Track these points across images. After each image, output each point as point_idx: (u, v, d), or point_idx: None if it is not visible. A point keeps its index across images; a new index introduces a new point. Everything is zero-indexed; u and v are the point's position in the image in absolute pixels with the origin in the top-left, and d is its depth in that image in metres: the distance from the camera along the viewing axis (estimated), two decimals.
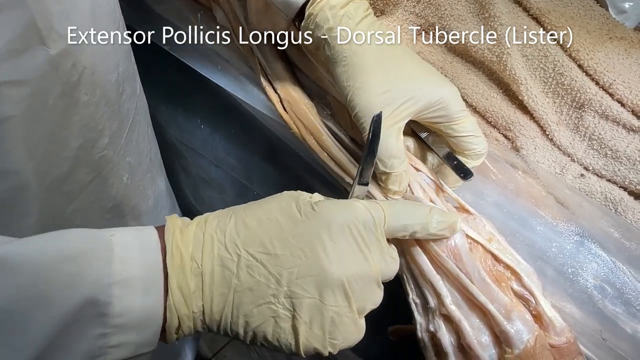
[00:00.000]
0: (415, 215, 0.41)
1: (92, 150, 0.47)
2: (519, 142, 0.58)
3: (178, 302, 0.35)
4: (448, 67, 0.63)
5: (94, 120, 0.46)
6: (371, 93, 0.46)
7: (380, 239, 0.39)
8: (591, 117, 0.55)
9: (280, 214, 0.38)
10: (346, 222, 0.38)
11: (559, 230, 0.51)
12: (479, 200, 0.53)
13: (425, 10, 0.64)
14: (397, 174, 0.47)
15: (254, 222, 0.37)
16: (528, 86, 0.57)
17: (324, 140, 0.54)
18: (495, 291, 0.43)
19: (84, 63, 0.42)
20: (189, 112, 0.79)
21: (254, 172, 0.75)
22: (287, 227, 0.37)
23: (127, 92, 0.52)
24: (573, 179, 0.56)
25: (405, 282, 0.48)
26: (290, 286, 0.36)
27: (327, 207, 0.38)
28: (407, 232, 0.41)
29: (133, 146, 0.55)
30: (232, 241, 0.36)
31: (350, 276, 0.37)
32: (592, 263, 0.50)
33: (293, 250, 0.36)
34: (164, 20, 0.70)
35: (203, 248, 0.36)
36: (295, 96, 0.58)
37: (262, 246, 0.36)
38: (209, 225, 0.38)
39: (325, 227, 0.37)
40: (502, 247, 0.47)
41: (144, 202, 0.61)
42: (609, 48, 0.56)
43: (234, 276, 0.36)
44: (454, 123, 0.48)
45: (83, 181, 0.48)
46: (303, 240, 0.37)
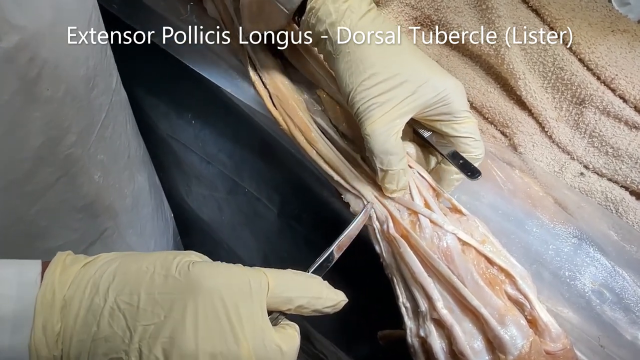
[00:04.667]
0: (304, 287, 0.37)
1: (56, 148, 0.45)
2: (517, 139, 0.57)
3: (39, 342, 0.32)
4: (444, 61, 0.62)
5: (59, 117, 0.44)
6: (373, 91, 0.45)
7: (257, 313, 0.34)
8: (592, 114, 0.54)
9: (160, 266, 0.35)
10: (216, 287, 0.33)
11: (557, 232, 0.50)
12: (474, 201, 0.52)
13: (421, 2, 0.63)
14: (394, 172, 0.45)
15: (133, 269, 0.35)
16: (526, 81, 0.56)
17: (313, 137, 0.53)
18: (489, 294, 0.43)
19: (44, 56, 0.40)
20: (180, 107, 0.78)
21: (245, 168, 0.74)
22: (158, 280, 0.34)
23: (100, 87, 0.50)
24: (572, 178, 0.54)
25: (394, 284, 0.47)
26: (141, 344, 0.33)
27: (200, 268, 0.35)
28: (292, 305, 0.36)
29: (107, 143, 0.53)
30: (106, 285, 0.34)
31: (208, 353, 0.32)
32: (590, 266, 0.48)
33: (155, 306, 0.33)
34: (153, 12, 0.69)
35: (77, 288, 0.34)
36: (284, 91, 0.57)
37: (129, 296, 0.34)
38: (93, 265, 0.35)
39: (192, 289, 0.33)
40: (495, 249, 0.46)
41: (120, 201, 0.59)
42: (611, 41, 0.54)
43: (95, 323, 0.33)
44: (455, 122, 0.46)
45: (47, 181, 0.46)
46: (167, 298, 0.33)
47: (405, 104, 0.45)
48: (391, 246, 0.47)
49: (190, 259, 0.35)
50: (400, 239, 0.45)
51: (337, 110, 0.55)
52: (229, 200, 0.75)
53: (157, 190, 0.75)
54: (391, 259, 0.47)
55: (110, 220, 0.58)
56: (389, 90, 0.45)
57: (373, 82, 0.45)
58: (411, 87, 0.45)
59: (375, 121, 0.45)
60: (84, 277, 0.34)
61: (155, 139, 0.79)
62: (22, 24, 0.37)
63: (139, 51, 0.69)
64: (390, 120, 0.45)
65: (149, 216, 0.69)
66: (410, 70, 0.45)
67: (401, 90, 0.45)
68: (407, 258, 0.44)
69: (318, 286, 0.38)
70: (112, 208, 0.57)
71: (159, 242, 0.74)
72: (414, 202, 0.46)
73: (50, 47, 0.40)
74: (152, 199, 0.70)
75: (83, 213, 0.52)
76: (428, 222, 0.45)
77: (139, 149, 0.67)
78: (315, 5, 0.46)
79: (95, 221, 0.55)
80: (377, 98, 0.45)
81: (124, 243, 0.62)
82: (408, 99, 0.45)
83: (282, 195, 0.73)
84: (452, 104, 0.46)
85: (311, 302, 0.37)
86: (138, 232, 0.66)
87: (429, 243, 0.45)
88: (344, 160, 0.51)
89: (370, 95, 0.45)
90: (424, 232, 0.45)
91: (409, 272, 0.45)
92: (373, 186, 0.49)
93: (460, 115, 0.46)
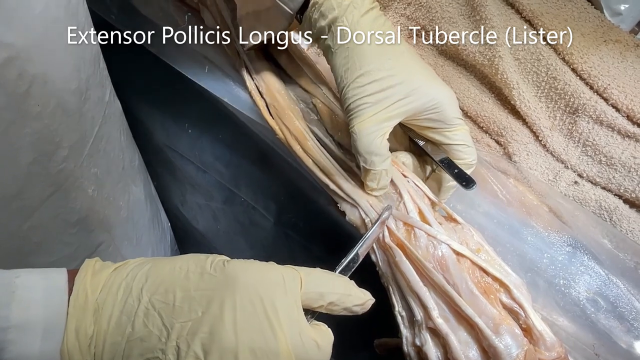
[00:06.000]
0: (334, 284, 0.38)
1: (48, 164, 0.45)
2: (511, 148, 0.57)
3: (72, 347, 0.32)
4: (439, 71, 0.62)
5: (50, 132, 0.43)
6: (366, 89, 0.45)
7: (292, 307, 0.34)
8: (585, 123, 0.54)
9: (194, 265, 0.35)
10: (253, 282, 0.34)
11: (551, 240, 0.50)
12: (469, 209, 0.52)
13: (416, 12, 0.63)
14: (377, 172, 0.46)
15: (166, 269, 0.35)
16: (520, 90, 0.56)
17: (309, 146, 0.53)
18: (484, 304, 0.42)
19: (32, 72, 0.39)
20: (175, 116, 0.78)
21: (242, 178, 0.74)
22: (194, 278, 0.34)
23: (92, 100, 0.49)
24: (567, 186, 0.54)
25: (390, 293, 0.47)
26: (179, 341, 0.32)
27: (236, 264, 0.35)
28: (324, 301, 0.37)
29: (100, 156, 0.53)
30: (139, 286, 0.34)
31: (247, 347, 0.32)
32: (584, 275, 0.48)
33: (191, 303, 0.33)
34: (150, 22, 0.69)
35: (109, 291, 0.34)
36: (281, 101, 0.57)
37: (164, 295, 0.34)
38: (124, 269, 0.35)
39: (229, 284, 0.33)
40: (490, 258, 0.45)
41: (115, 213, 0.58)
42: (603, 51, 0.55)
43: (129, 324, 0.33)
44: (447, 130, 0.47)
45: (40, 197, 0.45)
46: (204, 295, 0.34)
47: (396, 107, 0.45)
48: (387, 255, 0.46)
49: (223, 257, 0.36)
50: (396, 248, 0.45)
51: (333, 119, 0.55)
52: (225, 210, 0.74)
53: (153, 200, 0.74)
54: (387, 268, 0.47)
55: (105, 233, 0.57)
56: (381, 90, 0.45)
57: (367, 80, 0.45)
58: (404, 90, 0.45)
59: (363, 120, 0.45)
60: (115, 280, 0.34)
61: (151, 147, 0.78)
62: (9, 41, 0.36)
63: (135, 59, 0.69)
64: (378, 121, 0.45)
65: (145, 227, 0.69)
66: (406, 73, 0.45)
67: (394, 91, 0.45)
68: (402, 267, 0.44)
69: (347, 284, 0.39)
70: (106, 221, 0.57)
71: (156, 252, 0.73)
72: (409, 215, 0.46)
73: (40, 62, 0.40)
74: (148, 209, 0.69)
75: (77, 227, 0.52)
76: (423, 232, 0.45)
77: (134, 159, 0.66)
78: (318, 1, 0.46)
79: (90, 235, 0.54)
80: (369, 97, 0.45)
81: (119, 255, 0.61)
82: (399, 102, 0.45)
83: (278, 205, 0.72)
84: (444, 112, 0.46)
85: (341, 299, 0.37)
86: (134, 244, 0.65)
87: (424, 252, 0.44)
88: (339, 169, 0.51)
89: (363, 94, 0.45)
90: (419, 242, 0.45)
91: (405, 281, 0.44)
92: (368, 195, 0.49)
93: (452, 122, 0.46)
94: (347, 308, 0.38)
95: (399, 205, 0.47)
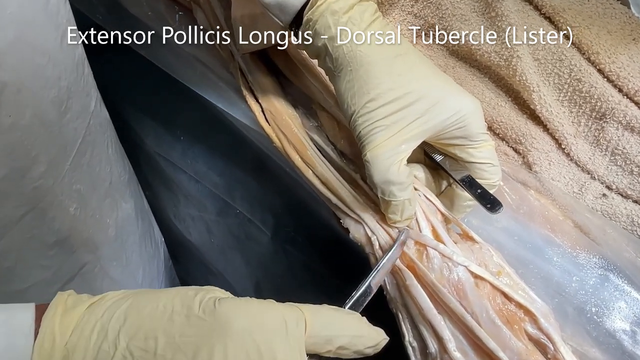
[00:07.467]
0: (344, 325, 0.34)
1: (21, 181, 0.42)
2: (531, 157, 0.54)
3: None
4: (450, 73, 0.59)
5: (24, 145, 0.40)
6: (377, 113, 0.40)
7: (297, 356, 0.31)
8: (614, 129, 0.51)
9: (179, 304, 0.31)
10: (248, 327, 0.30)
11: (580, 261, 0.46)
12: (486, 225, 0.48)
13: (425, 10, 0.60)
14: (398, 202, 0.41)
15: (147, 309, 0.31)
16: (541, 94, 0.52)
17: (309, 155, 0.50)
18: (507, 336, 0.39)
19: (3, 79, 0.36)
20: (168, 123, 0.76)
21: (237, 188, 0.71)
22: (179, 322, 0.31)
23: (74, 110, 0.46)
24: (594, 200, 0.51)
25: (400, 320, 0.43)
26: None
27: (229, 305, 0.31)
28: (332, 346, 0.33)
29: (83, 171, 0.50)
30: (116, 328, 0.31)
31: None
32: (619, 301, 0.44)
33: (175, 353, 0.30)
34: (139, 22, 0.66)
35: (81, 334, 0.30)
36: (278, 106, 0.54)
37: (144, 341, 0.30)
38: (100, 306, 0.32)
39: (221, 330, 0.30)
40: (513, 282, 0.42)
41: (101, 232, 0.55)
42: (632, 50, 0.51)
43: None
44: (471, 147, 0.42)
45: (12, 217, 0.42)
46: (190, 341, 0.30)
47: (413, 126, 0.40)
48: (396, 278, 0.42)
49: (214, 294, 0.32)
50: (406, 270, 0.41)
51: (334, 126, 0.52)
52: (219, 222, 0.72)
53: (145, 215, 0.71)
54: (396, 292, 0.43)
55: (90, 254, 0.54)
56: (396, 112, 0.40)
57: (378, 104, 0.40)
58: (422, 107, 0.40)
59: (377, 146, 0.40)
60: (90, 320, 0.31)
61: (142, 156, 0.77)
62: None
63: (124, 61, 0.66)
64: (394, 145, 0.40)
65: (135, 244, 0.65)
66: (421, 87, 0.40)
67: (410, 111, 0.40)
68: (413, 292, 0.40)
69: (358, 323, 0.35)
70: (91, 240, 0.54)
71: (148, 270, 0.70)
72: (422, 234, 0.42)
73: (12, 69, 0.37)
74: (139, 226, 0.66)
75: (56, 249, 0.48)
76: (437, 252, 0.41)
77: (123, 173, 0.63)
78: (312, 17, 0.41)
79: (72, 256, 0.51)
80: (381, 121, 0.40)
81: (106, 277, 0.58)
82: (417, 121, 0.40)
83: (276, 217, 0.70)
84: (469, 126, 0.41)
85: (352, 341, 0.34)
86: (123, 264, 0.62)
87: (438, 275, 0.41)
88: (342, 182, 0.48)
89: (374, 118, 0.40)
90: (432, 263, 0.41)
91: (416, 308, 0.41)
92: (375, 210, 0.45)
93: (477, 138, 0.42)
94: (358, 351, 0.34)
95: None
